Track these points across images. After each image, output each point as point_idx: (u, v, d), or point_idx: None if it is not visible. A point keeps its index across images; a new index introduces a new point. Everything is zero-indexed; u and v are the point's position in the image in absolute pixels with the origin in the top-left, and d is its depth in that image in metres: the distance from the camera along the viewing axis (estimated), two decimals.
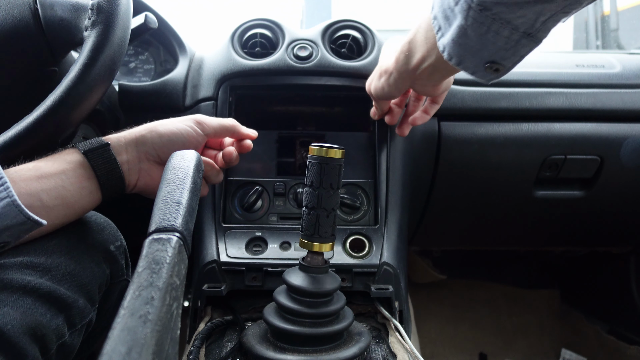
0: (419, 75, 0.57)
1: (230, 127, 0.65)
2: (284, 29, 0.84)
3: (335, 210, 0.53)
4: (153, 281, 0.31)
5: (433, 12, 0.48)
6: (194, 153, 0.52)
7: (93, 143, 0.53)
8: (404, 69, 0.59)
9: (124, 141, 0.56)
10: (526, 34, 0.42)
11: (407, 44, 0.56)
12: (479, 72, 0.48)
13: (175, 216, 0.39)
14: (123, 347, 0.26)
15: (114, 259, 0.57)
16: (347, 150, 0.59)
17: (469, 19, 0.42)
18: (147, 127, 0.58)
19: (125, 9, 0.56)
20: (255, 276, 0.68)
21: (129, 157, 0.55)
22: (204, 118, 0.63)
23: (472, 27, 0.43)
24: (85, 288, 0.50)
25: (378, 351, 0.58)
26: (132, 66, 0.94)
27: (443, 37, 0.47)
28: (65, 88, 0.52)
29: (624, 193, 0.95)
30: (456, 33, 0.44)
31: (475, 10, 0.41)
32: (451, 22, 0.45)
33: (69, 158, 0.51)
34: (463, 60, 0.47)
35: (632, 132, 0.87)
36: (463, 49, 0.46)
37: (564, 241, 1.19)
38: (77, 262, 0.50)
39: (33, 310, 0.44)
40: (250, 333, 0.56)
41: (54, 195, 0.48)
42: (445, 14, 0.45)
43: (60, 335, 0.46)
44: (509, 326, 1.53)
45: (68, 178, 0.50)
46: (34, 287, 0.45)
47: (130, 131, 0.58)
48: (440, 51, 0.48)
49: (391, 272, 0.69)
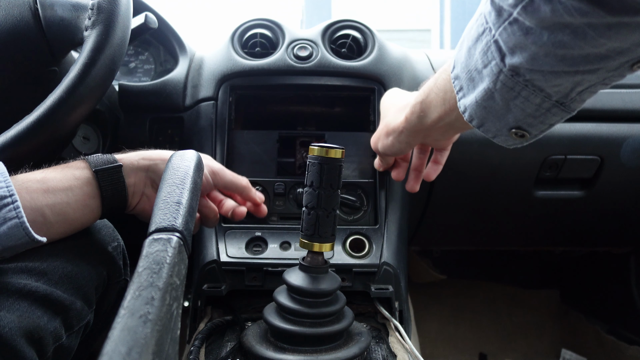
0: (432, 133, 0.56)
1: (241, 187, 0.65)
2: (284, 29, 0.85)
3: (335, 210, 0.53)
4: (153, 281, 0.31)
5: (455, 72, 0.46)
6: (194, 153, 0.52)
7: (105, 161, 0.52)
8: (417, 128, 0.57)
9: (136, 166, 0.55)
10: (559, 102, 0.40)
11: (420, 104, 0.54)
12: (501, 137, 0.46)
13: (175, 216, 0.39)
14: (123, 347, 0.26)
15: (112, 259, 0.57)
16: (347, 150, 0.59)
17: (498, 83, 0.40)
18: (162, 157, 0.57)
19: (125, 9, 0.56)
20: (255, 276, 0.68)
21: (135, 181, 0.55)
22: (220, 170, 0.62)
23: (500, 92, 0.41)
24: (82, 290, 0.50)
25: (378, 351, 0.58)
26: (132, 66, 0.94)
27: (465, 97, 0.45)
28: (65, 88, 0.52)
29: (624, 193, 0.95)
30: (481, 96, 0.42)
31: (506, 75, 0.39)
32: (476, 84, 0.43)
33: (78, 173, 0.50)
34: (485, 122, 0.45)
35: (632, 132, 0.87)
36: (487, 111, 0.44)
37: (564, 241, 1.19)
38: (74, 265, 0.50)
39: (29, 314, 0.44)
40: (250, 333, 0.56)
41: (57, 212, 0.47)
42: (470, 75, 0.43)
43: (57, 337, 0.46)
44: (509, 326, 1.53)
45: (74, 195, 0.49)
46: (30, 291, 0.45)
47: (145, 156, 0.56)
48: (460, 111, 0.46)
49: (391, 272, 0.69)
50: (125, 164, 0.53)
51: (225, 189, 0.64)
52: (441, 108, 0.51)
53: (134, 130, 0.81)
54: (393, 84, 0.81)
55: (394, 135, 0.62)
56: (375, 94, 0.80)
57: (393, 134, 0.62)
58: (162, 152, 0.57)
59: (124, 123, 0.82)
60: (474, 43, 0.42)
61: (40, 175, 0.48)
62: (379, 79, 0.81)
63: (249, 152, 0.79)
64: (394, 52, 0.86)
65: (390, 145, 0.64)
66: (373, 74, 0.81)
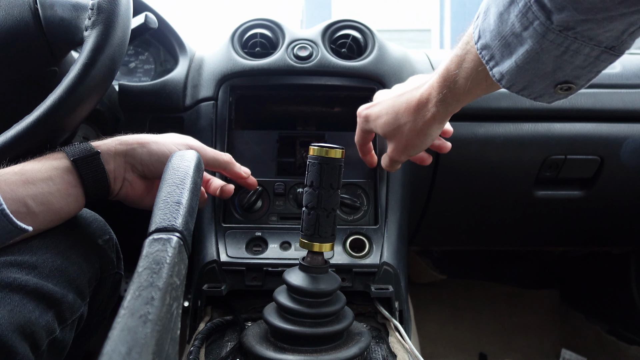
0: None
1: (224, 162, 0.65)
2: (284, 29, 0.85)
3: (335, 210, 0.53)
4: (153, 281, 0.31)
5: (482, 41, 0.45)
6: (194, 153, 0.52)
7: (82, 150, 0.52)
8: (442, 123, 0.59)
9: (114, 151, 0.55)
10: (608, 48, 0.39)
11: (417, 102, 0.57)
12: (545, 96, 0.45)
13: (176, 216, 0.39)
14: (123, 347, 0.26)
15: (103, 252, 0.57)
16: (347, 150, 0.59)
17: (545, 42, 0.39)
18: (139, 141, 0.57)
19: (125, 9, 0.56)
20: (255, 276, 0.68)
21: (115, 166, 0.55)
22: (199, 147, 0.62)
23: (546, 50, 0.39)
24: (74, 283, 0.50)
25: (378, 351, 0.58)
26: (132, 66, 0.94)
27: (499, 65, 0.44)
28: (65, 88, 0.52)
29: (624, 193, 0.95)
30: (523, 59, 0.41)
31: (554, 32, 0.38)
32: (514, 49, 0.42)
33: (56, 164, 0.50)
34: (529, 85, 0.44)
35: (632, 132, 0.87)
36: (531, 74, 0.42)
37: (564, 241, 1.20)
38: (64, 258, 0.50)
39: (21, 307, 0.43)
40: (250, 333, 0.56)
41: (40, 202, 0.48)
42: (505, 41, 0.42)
43: (50, 331, 0.46)
44: (509, 326, 1.53)
45: (55, 185, 0.49)
46: (21, 284, 0.45)
47: (122, 141, 0.57)
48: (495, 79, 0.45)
49: (391, 272, 0.69)
50: (102, 150, 0.54)
51: (207, 167, 0.64)
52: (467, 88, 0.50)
53: (134, 131, 0.80)
54: (393, 84, 0.80)
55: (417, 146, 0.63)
56: (375, 93, 0.80)
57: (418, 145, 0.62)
58: (139, 136, 0.58)
59: (124, 123, 0.82)
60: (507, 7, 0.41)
61: (18, 168, 0.48)
62: (379, 79, 0.81)
63: (249, 152, 0.79)
64: (394, 52, 0.86)
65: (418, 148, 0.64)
66: (373, 74, 0.81)
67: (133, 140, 0.57)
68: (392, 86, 0.80)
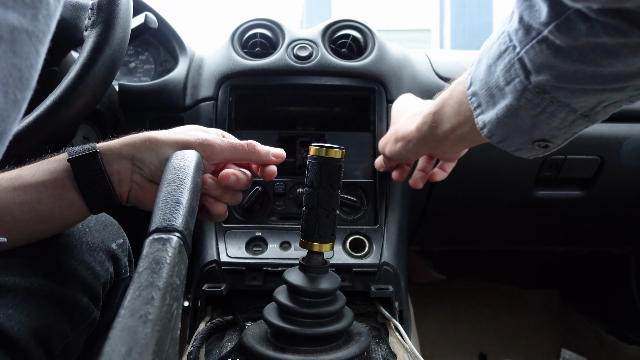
0: (442, 145, 0.56)
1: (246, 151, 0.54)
2: (284, 29, 0.85)
3: (335, 210, 0.53)
4: (153, 281, 0.31)
5: (472, 89, 0.45)
6: (194, 153, 0.52)
7: (80, 150, 0.47)
8: (427, 138, 0.57)
9: (118, 153, 0.49)
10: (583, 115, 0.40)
11: (432, 115, 0.54)
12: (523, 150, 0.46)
13: (176, 216, 0.39)
14: (123, 347, 0.26)
15: (117, 257, 0.57)
16: (347, 150, 0.59)
17: (522, 99, 0.40)
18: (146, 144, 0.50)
19: (125, 9, 0.56)
20: (255, 276, 0.68)
21: (120, 169, 0.49)
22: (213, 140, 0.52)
23: (524, 108, 0.40)
24: (88, 287, 0.50)
25: (378, 351, 0.58)
26: (132, 66, 0.94)
27: (484, 114, 0.45)
28: (65, 88, 0.52)
29: (624, 193, 0.95)
30: (503, 112, 0.42)
31: (531, 91, 0.39)
32: (497, 101, 0.43)
33: (53, 167, 0.47)
34: (507, 139, 0.45)
35: (632, 132, 0.87)
36: (510, 128, 0.43)
37: (564, 241, 1.19)
38: (79, 262, 0.50)
39: (37, 312, 0.43)
40: (250, 333, 0.56)
41: (27, 209, 0.44)
42: (490, 92, 0.43)
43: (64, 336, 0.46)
44: (509, 326, 1.53)
45: (46, 190, 0.45)
46: (37, 289, 0.44)
47: (126, 142, 0.50)
48: (478, 127, 0.46)
49: (391, 272, 0.69)
50: (103, 150, 0.48)
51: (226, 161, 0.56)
52: (455, 119, 0.51)
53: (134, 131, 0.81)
54: (393, 84, 0.81)
55: (402, 142, 0.62)
56: (375, 94, 0.80)
57: (402, 141, 0.62)
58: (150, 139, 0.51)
59: (124, 123, 0.82)
60: (495, 60, 0.42)
61: (15, 173, 0.45)
62: (379, 79, 0.81)
63: None
64: (394, 52, 0.86)
65: (397, 151, 0.64)
66: (373, 74, 0.81)
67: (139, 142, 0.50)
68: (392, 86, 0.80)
